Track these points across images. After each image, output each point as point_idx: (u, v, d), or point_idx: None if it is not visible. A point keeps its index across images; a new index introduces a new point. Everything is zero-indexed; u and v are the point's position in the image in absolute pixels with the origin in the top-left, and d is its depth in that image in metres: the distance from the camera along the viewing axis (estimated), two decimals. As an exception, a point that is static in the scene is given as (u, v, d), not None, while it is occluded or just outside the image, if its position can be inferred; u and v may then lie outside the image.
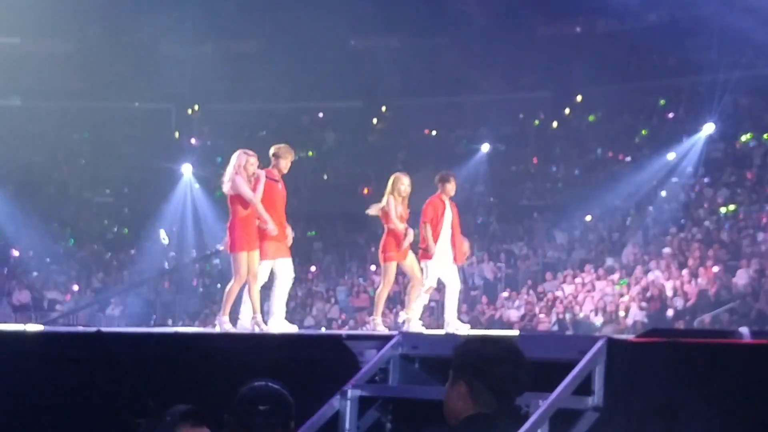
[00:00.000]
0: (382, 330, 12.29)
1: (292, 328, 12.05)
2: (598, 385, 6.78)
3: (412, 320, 12.53)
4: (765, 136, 28.48)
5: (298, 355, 8.57)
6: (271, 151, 12.55)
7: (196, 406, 4.47)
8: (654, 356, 6.91)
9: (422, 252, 12.96)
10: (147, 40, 35.79)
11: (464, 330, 12.34)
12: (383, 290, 12.77)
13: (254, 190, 11.94)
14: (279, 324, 11.81)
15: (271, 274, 12.18)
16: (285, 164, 12.46)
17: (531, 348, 7.65)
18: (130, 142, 35.44)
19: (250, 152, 12.33)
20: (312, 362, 8.37)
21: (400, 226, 12.62)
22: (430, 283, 12.92)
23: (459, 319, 13.56)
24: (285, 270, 12.19)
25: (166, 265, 30.18)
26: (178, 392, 8.04)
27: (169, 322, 27.75)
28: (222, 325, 11.70)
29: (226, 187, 12.05)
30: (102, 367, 8.75)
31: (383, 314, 13.23)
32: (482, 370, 3.97)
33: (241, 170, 11.98)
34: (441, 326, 13.80)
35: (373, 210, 12.88)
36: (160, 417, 4.05)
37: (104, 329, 9.45)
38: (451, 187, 13.07)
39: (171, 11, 34.61)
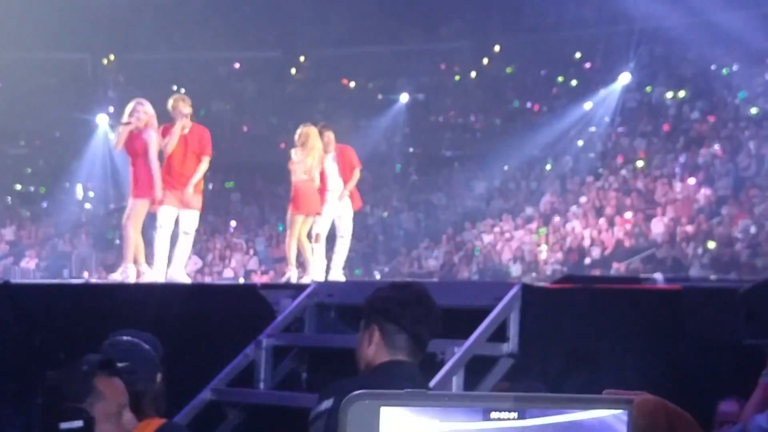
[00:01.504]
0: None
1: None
2: (513, 332, 6.81)
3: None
4: (678, 92, 28.76)
5: (212, 305, 8.50)
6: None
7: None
8: (569, 302, 6.95)
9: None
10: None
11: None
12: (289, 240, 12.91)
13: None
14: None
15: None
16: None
17: (446, 295, 7.66)
18: (45, 92, 34.81)
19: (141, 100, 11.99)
20: (227, 312, 8.31)
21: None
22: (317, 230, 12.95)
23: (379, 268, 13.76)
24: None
25: (83, 217, 29.92)
26: (89, 344, 7.92)
27: (85, 274, 27.48)
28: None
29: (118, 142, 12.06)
30: (10, 319, 8.58)
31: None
32: (394, 313, 3.92)
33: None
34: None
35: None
36: (74, 366, 3.92)
37: (13, 281, 9.25)
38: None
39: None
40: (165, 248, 11.67)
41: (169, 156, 11.80)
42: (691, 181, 24.43)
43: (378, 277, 23.70)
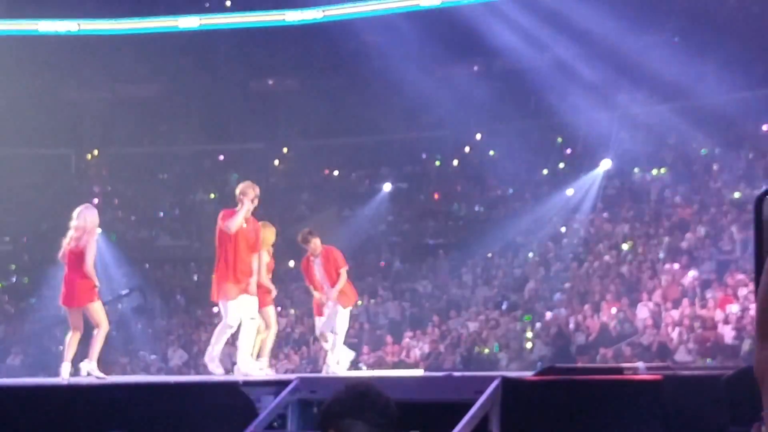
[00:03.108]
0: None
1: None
2: (495, 426, 6.79)
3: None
4: (656, 171, 28.97)
5: (195, 403, 8.46)
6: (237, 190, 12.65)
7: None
8: (550, 394, 6.94)
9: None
10: (46, 86, 35.33)
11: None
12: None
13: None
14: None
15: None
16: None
17: (427, 389, 7.67)
18: (30, 188, 34.90)
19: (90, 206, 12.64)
20: (209, 409, 8.27)
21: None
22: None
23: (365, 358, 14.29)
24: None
25: (62, 311, 29.72)
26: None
27: (72, 370, 27.27)
28: (91, 372, 12.05)
29: (74, 243, 12.12)
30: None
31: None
32: (346, 408, 3.93)
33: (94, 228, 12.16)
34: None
35: None
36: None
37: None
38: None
39: (69, 57, 34.31)
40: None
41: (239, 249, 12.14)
42: (676, 265, 24.50)
43: (364, 368, 23.58)
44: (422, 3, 32.58)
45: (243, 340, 12.24)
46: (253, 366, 12.24)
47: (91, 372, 11.81)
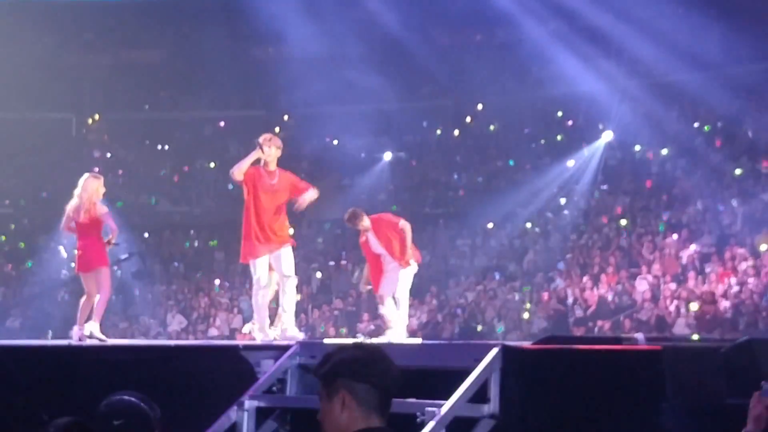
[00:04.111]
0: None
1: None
2: (493, 393, 6.83)
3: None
4: (662, 151, 28.90)
5: (194, 366, 8.50)
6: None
7: (87, 419, 4.39)
8: (549, 363, 6.97)
9: None
10: (48, 50, 35.25)
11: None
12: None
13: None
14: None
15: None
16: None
17: (427, 356, 7.70)
18: (30, 152, 34.89)
19: (98, 175, 13.15)
20: (209, 373, 8.32)
21: None
22: None
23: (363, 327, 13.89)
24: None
25: (62, 275, 29.78)
26: (73, 405, 7.91)
27: (70, 333, 27.36)
28: (93, 333, 12.05)
29: (84, 214, 12.62)
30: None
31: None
32: (363, 372, 3.91)
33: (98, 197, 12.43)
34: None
35: None
36: (43, 430, 3.95)
37: (-4, 343, 9.26)
38: None
39: (71, 22, 34.24)
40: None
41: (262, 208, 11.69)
42: (675, 238, 24.52)
43: (361, 336, 23.63)
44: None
45: (285, 301, 11.71)
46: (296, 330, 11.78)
47: (93, 333, 11.94)
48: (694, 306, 21.13)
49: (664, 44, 28.01)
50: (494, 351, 6.88)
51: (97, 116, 37.23)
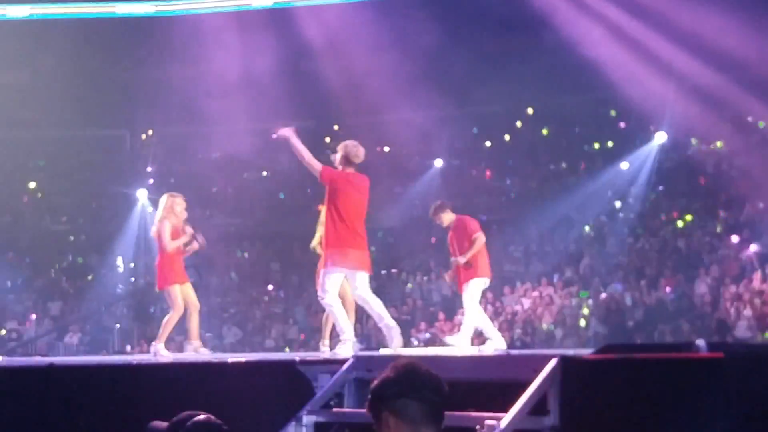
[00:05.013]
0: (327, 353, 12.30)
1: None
2: (553, 405, 6.75)
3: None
4: (717, 143, 28.63)
5: (251, 382, 8.49)
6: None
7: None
8: (609, 373, 6.88)
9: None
10: (101, 66, 35.61)
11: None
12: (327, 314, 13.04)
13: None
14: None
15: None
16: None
17: (485, 368, 7.63)
18: (85, 169, 35.26)
19: (176, 194, 13.01)
20: (266, 389, 8.30)
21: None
22: None
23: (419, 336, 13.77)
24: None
25: (118, 290, 30.04)
26: (133, 425, 7.93)
27: (128, 348, 27.56)
28: (157, 352, 12.36)
29: (153, 230, 12.83)
30: (54, 401, 8.63)
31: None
32: (395, 389, 3.95)
33: (168, 214, 12.54)
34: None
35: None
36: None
37: (57, 362, 9.31)
38: None
39: (123, 38, 34.55)
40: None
41: (354, 212, 11.44)
42: (734, 238, 24.23)
43: (415, 344, 23.60)
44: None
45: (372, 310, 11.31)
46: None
47: (157, 352, 12.13)
48: (756, 303, 20.88)
49: (719, 41, 27.70)
50: (553, 362, 6.79)
51: (150, 131, 37.49)
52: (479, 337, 13.14)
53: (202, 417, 4.50)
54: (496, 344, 12.71)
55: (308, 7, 33.21)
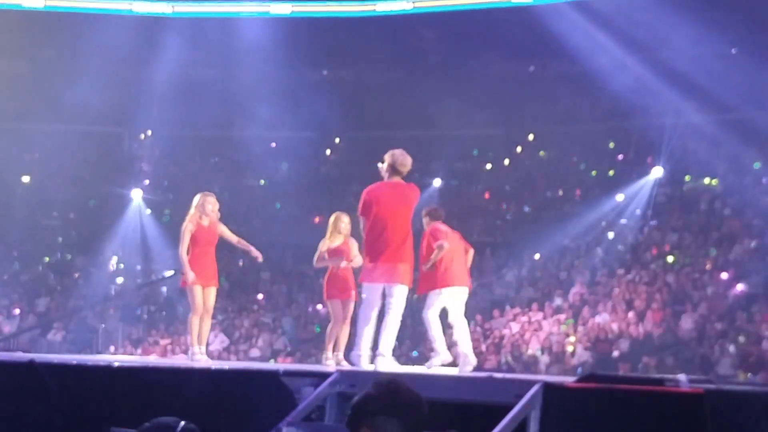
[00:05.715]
0: (330, 366, 12.27)
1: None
2: (533, 431, 6.76)
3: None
4: (711, 180, 28.72)
5: (233, 391, 8.48)
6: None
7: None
8: (590, 402, 6.89)
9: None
10: (101, 63, 35.51)
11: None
12: (332, 327, 12.98)
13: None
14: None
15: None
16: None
17: (467, 390, 7.64)
18: (81, 165, 35.09)
19: (208, 193, 12.84)
20: (248, 398, 8.29)
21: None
22: None
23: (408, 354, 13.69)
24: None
25: (113, 291, 29.92)
26: (111, 425, 7.92)
27: (111, 348, 27.50)
28: (192, 356, 12.26)
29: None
30: (34, 397, 8.61)
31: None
32: (374, 406, 3.96)
33: (199, 212, 12.45)
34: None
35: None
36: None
37: (38, 359, 9.28)
38: None
39: (130, 38, 34.50)
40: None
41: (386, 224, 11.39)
42: (723, 276, 24.29)
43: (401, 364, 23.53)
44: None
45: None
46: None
47: (192, 355, 12.32)
48: (739, 340, 20.94)
49: (717, 82, 27.83)
50: (535, 387, 6.81)
51: (149, 132, 37.42)
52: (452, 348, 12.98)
53: (169, 420, 4.47)
54: (442, 358, 12.61)
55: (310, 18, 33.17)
